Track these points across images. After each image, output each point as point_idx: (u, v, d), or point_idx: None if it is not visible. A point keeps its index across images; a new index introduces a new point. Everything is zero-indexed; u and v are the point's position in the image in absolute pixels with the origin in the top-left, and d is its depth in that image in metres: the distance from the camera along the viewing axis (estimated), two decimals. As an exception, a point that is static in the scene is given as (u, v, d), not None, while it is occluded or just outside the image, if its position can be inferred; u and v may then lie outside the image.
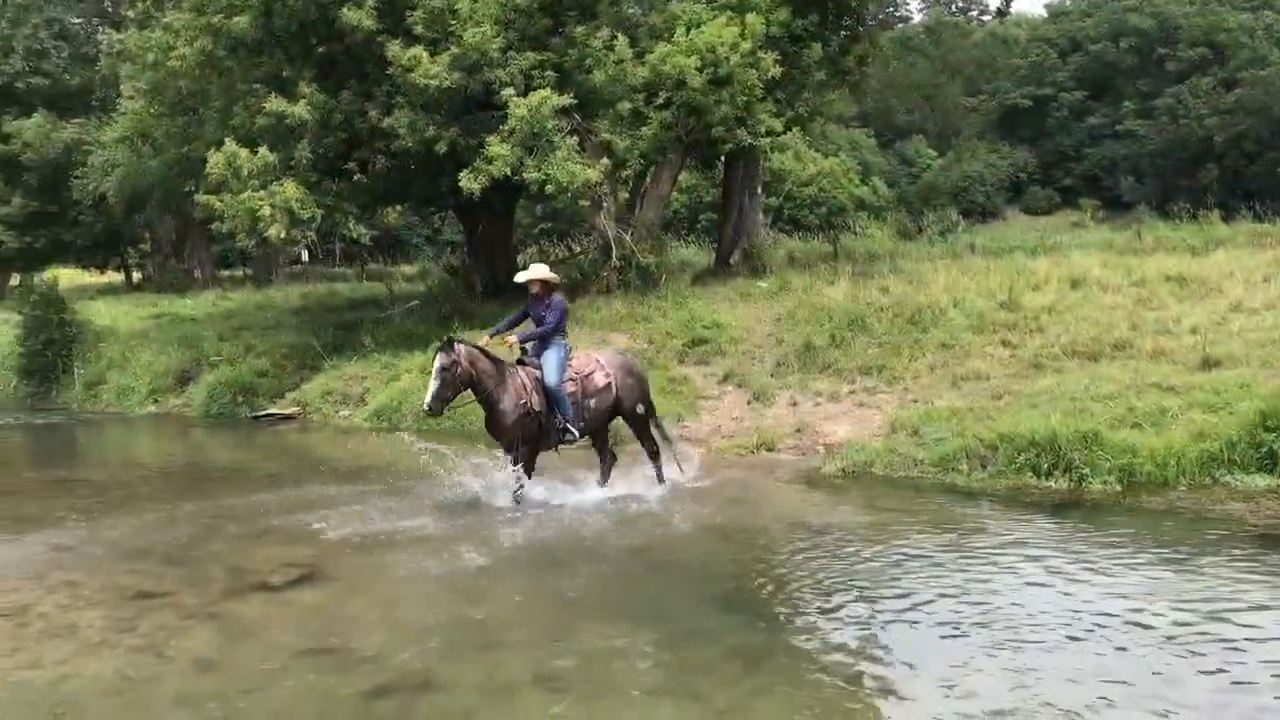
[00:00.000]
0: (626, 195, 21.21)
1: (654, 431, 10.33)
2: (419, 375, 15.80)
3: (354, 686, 5.64)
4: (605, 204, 18.18)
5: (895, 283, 16.25)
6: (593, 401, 9.77)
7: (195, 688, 5.72)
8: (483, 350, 9.52)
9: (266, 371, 18.11)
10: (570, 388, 9.63)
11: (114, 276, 42.44)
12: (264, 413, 16.92)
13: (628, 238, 17.99)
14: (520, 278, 10.15)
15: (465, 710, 5.29)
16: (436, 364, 9.26)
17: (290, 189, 16.02)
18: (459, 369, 9.23)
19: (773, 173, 39.43)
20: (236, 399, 17.55)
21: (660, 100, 17.42)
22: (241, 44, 17.48)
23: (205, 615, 6.86)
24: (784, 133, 18.64)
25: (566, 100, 16.08)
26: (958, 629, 6.17)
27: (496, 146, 15.64)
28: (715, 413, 13.35)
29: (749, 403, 13.35)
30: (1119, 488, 9.29)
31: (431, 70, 15.71)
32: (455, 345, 9.33)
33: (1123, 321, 13.52)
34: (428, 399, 9.26)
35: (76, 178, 31.53)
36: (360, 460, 12.56)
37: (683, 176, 24.45)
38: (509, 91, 15.91)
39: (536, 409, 9.45)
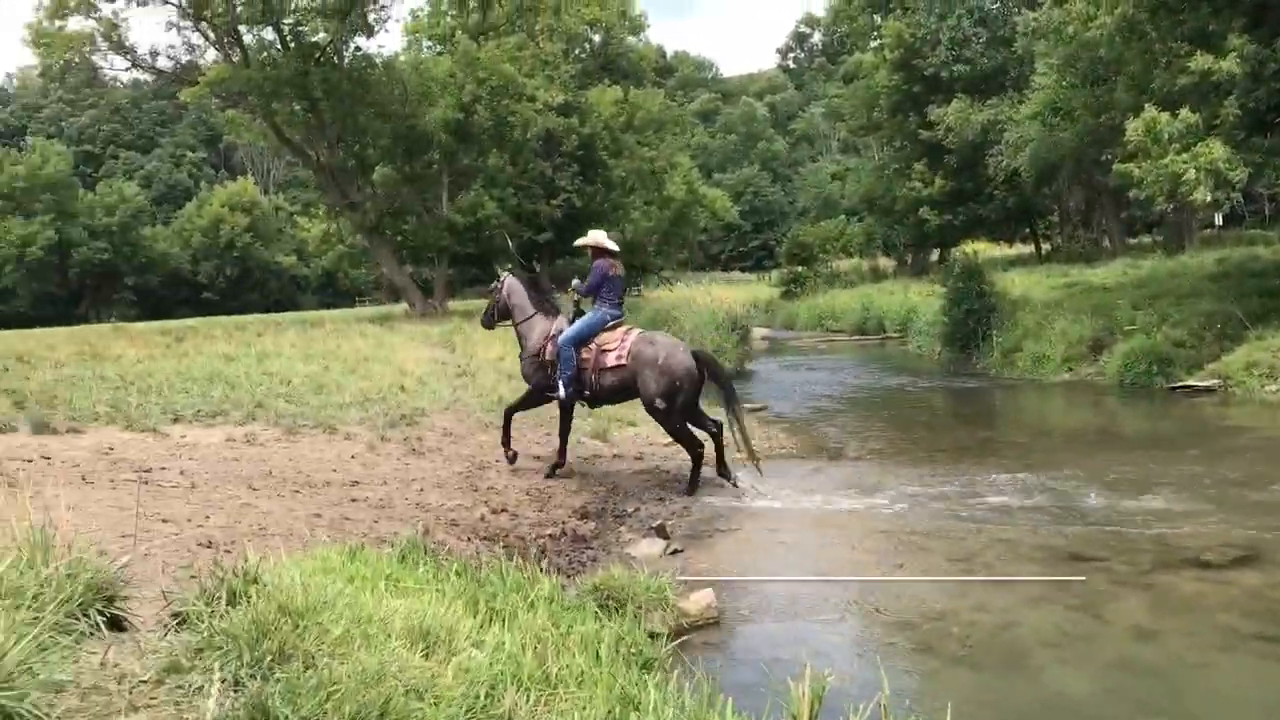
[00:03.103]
0: None
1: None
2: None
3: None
4: None
5: None
6: (597, 377, 9.90)
7: (1133, 654, 5.78)
8: (531, 287, 10.50)
9: (1183, 341, 17.41)
10: (585, 354, 9.87)
11: (1021, 248, 44.31)
12: (1180, 384, 16.33)
13: None
14: (577, 242, 10.73)
15: None
16: None
17: (1216, 148, 15.17)
18: (496, 296, 10.69)
19: None
20: (1151, 369, 17.17)
21: None
22: (1163, 4, 16.93)
23: (1138, 585, 6.86)
24: None
25: None
26: None
27: None
28: None
29: None
30: None
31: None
32: (501, 276, 10.81)
33: None
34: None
35: (991, 156, 33.57)
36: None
37: None
38: None
39: (548, 359, 10.06)
